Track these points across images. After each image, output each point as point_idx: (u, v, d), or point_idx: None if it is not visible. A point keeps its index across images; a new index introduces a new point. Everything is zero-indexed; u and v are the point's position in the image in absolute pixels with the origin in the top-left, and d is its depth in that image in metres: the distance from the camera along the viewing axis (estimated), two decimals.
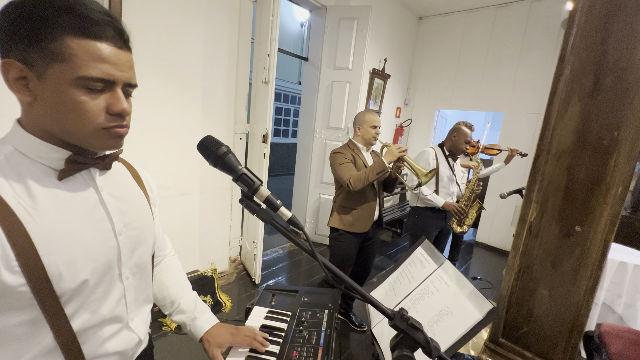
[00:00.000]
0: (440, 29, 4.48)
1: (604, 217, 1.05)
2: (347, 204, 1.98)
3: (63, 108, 0.50)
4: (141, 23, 1.87)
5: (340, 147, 2.02)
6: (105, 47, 0.50)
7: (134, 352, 0.69)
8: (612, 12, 0.99)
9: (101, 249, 0.58)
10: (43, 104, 0.50)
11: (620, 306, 2.08)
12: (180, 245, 2.42)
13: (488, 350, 1.34)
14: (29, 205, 0.50)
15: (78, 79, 0.49)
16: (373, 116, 1.99)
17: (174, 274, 0.87)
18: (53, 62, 0.48)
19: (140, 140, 1.97)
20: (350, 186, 1.81)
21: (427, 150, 2.43)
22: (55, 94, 0.49)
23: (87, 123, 0.51)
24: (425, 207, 2.42)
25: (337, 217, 2.01)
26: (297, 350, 0.81)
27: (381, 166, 1.81)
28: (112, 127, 0.54)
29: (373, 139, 2.00)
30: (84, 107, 0.50)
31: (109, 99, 0.52)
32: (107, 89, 0.52)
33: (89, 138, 0.53)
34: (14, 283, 0.48)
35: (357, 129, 2.02)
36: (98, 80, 0.50)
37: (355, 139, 2.04)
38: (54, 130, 0.52)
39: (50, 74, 0.48)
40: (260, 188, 0.60)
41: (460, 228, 2.44)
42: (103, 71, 0.50)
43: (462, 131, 2.36)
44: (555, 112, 1.11)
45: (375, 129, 1.98)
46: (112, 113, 0.53)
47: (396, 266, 1.17)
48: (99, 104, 0.51)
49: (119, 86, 0.53)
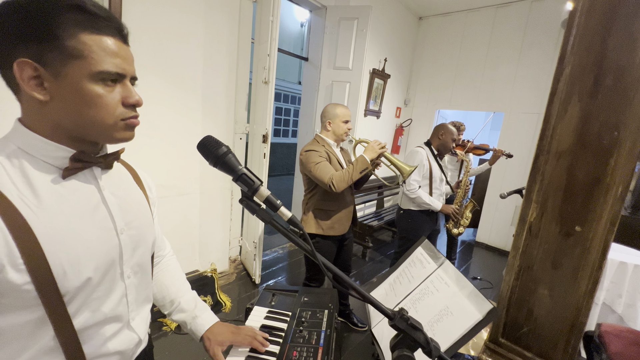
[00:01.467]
0: (440, 29, 4.48)
1: (604, 217, 1.05)
2: (324, 206, 1.84)
3: (83, 104, 0.51)
4: (141, 23, 1.87)
5: (311, 144, 1.84)
6: (114, 42, 0.53)
7: (134, 352, 0.69)
8: (612, 12, 0.99)
9: (104, 247, 0.58)
10: (61, 102, 0.51)
11: (620, 306, 2.08)
12: (180, 245, 2.42)
13: (488, 350, 1.34)
14: (32, 204, 0.50)
15: (97, 73, 0.50)
16: (345, 110, 1.86)
17: (173, 273, 0.87)
18: (70, 60, 0.49)
19: (140, 140, 1.95)
20: (333, 187, 1.67)
21: (420, 151, 2.34)
22: (74, 90, 0.50)
23: (107, 116, 0.53)
24: (419, 210, 2.35)
25: (313, 222, 1.85)
26: (297, 350, 0.81)
27: (364, 163, 1.69)
28: (129, 118, 0.56)
29: (345, 134, 1.86)
30: (104, 101, 0.52)
31: (122, 92, 0.55)
32: (118, 82, 0.54)
33: (110, 130, 0.55)
34: (19, 281, 0.48)
35: (328, 124, 1.86)
36: (114, 74, 0.52)
37: (325, 134, 1.88)
38: (70, 126, 0.53)
39: (67, 71, 0.49)
40: (260, 188, 0.60)
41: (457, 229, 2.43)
42: (117, 65, 0.52)
43: (449, 129, 2.32)
44: (555, 112, 1.11)
45: (347, 124, 1.85)
46: (128, 104, 0.55)
47: (396, 266, 1.17)
48: (114, 97, 0.54)
49: (128, 79, 0.56)
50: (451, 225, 2.43)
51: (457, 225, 2.42)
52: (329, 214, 1.85)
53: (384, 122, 4.54)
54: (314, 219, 1.86)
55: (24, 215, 0.49)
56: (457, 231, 2.42)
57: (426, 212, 2.37)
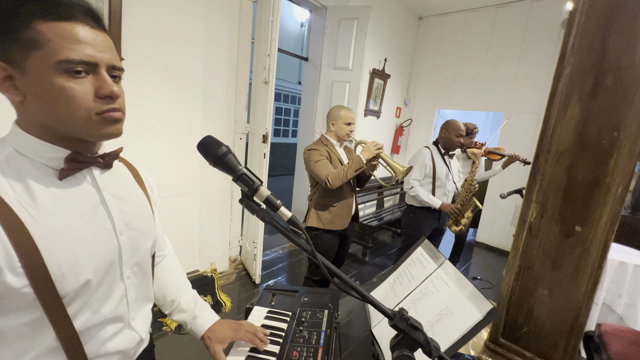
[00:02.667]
0: (440, 29, 4.48)
1: (604, 217, 1.05)
2: (324, 201, 1.94)
3: (51, 98, 0.48)
4: (141, 23, 1.87)
5: (314, 144, 1.96)
6: (79, 28, 0.48)
7: (136, 351, 0.69)
8: (612, 12, 0.99)
9: (103, 249, 0.58)
10: (33, 99, 0.49)
11: (620, 306, 2.08)
12: (180, 245, 2.42)
13: (488, 350, 1.34)
14: (30, 206, 0.50)
15: (58, 63, 0.47)
16: (348, 112, 1.94)
17: (173, 273, 0.87)
18: (29, 52, 0.46)
19: (140, 140, 1.97)
20: (328, 184, 1.78)
21: (423, 151, 2.41)
22: (40, 85, 0.48)
23: (78, 109, 0.50)
24: (421, 206, 2.42)
25: (315, 216, 1.96)
26: (297, 350, 0.81)
27: (359, 163, 1.79)
28: (105, 111, 0.52)
29: (346, 136, 1.95)
30: (72, 93, 0.49)
31: (95, 82, 0.51)
32: (91, 72, 0.50)
33: (85, 126, 0.51)
34: (17, 284, 0.48)
35: (331, 125, 1.96)
36: (79, 62, 0.48)
37: (329, 135, 1.99)
38: (50, 124, 0.51)
39: (30, 65, 0.47)
40: (260, 188, 0.60)
41: (457, 227, 2.44)
42: (82, 52, 0.48)
43: (450, 125, 2.36)
44: (555, 112, 1.11)
45: (349, 126, 1.93)
46: (101, 96, 0.51)
47: (396, 266, 1.17)
48: (85, 88, 0.50)
49: (103, 68, 0.51)
50: (450, 222, 2.44)
51: (457, 223, 2.43)
52: (329, 209, 1.94)
53: (384, 122, 4.54)
54: (316, 213, 1.97)
55: (21, 219, 0.48)
56: (456, 228, 2.43)
57: (427, 210, 2.41)
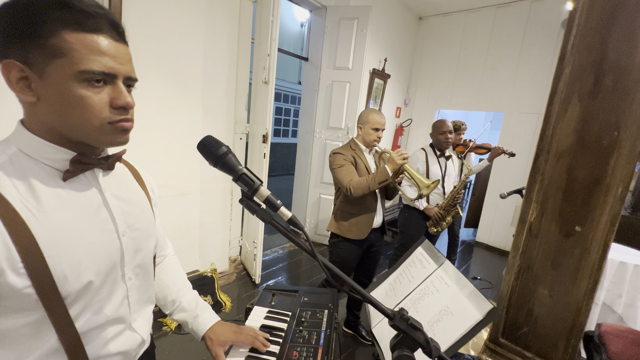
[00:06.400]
0: (440, 29, 4.48)
1: (604, 217, 1.05)
2: (345, 208, 1.86)
3: (67, 104, 0.49)
4: (141, 23, 1.87)
5: (341, 147, 1.88)
6: (102, 40, 0.50)
7: (137, 353, 0.69)
8: (612, 12, 0.99)
9: (105, 250, 0.58)
10: (47, 103, 0.50)
11: (620, 306, 2.08)
12: (180, 245, 2.42)
13: (488, 350, 1.34)
14: (33, 207, 0.50)
15: (79, 73, 0.48)
16: (378, 117, 1.80)
17: (174, 273, 0.87)
18: (52, 59, 0.47)
19: (140, 140, 1.96)
20: (350, 192, 1.70)
21: (417, 154, 2.48)
22: (58, 90, 0.49)
23: (93, 118, 0.51)
24: (414, 207, 2.48)
25: (334, 222, 1.90)
26: (297, 350, 0.81)
27: (384, 176, 1.68)
28: (118, 121, 0.53)
29: (374, 141, 1.82)
30: (88, 101, 0.50)
31: (111, 92, 0.52)
32: (108, 82, 0.52)
33: (96, 133, 0.53)
34: (19, 285, 0.48)
35: (359, 128, 1.86)
36: (99, 73, 0.50)
37: (358, 139, 1.90)
38: (60, 128, 0.52)
39: (51, 71, 0.48)
40: (260, 188, 0.60)
41: (435, 229, 2.47)
42: (103, 64, 0.50)
43: (434, 125, 2.43)
44: (555, 112, 1.11)
45: (377, 132, 1.80)
46: (116, 107, 0.52)
47: (396, 266, 1.17)
48: (102, 98, 0.51)
49: (120, 79, 0.53)
50: (430, 224, 2.47)
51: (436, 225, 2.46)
52: (348, 216, 1.87)
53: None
54: (335, 219, 1.92)
55: (24, 219, 0.48)
56: (434, 230, 2.47)
57: (419, 210, 2.47)
